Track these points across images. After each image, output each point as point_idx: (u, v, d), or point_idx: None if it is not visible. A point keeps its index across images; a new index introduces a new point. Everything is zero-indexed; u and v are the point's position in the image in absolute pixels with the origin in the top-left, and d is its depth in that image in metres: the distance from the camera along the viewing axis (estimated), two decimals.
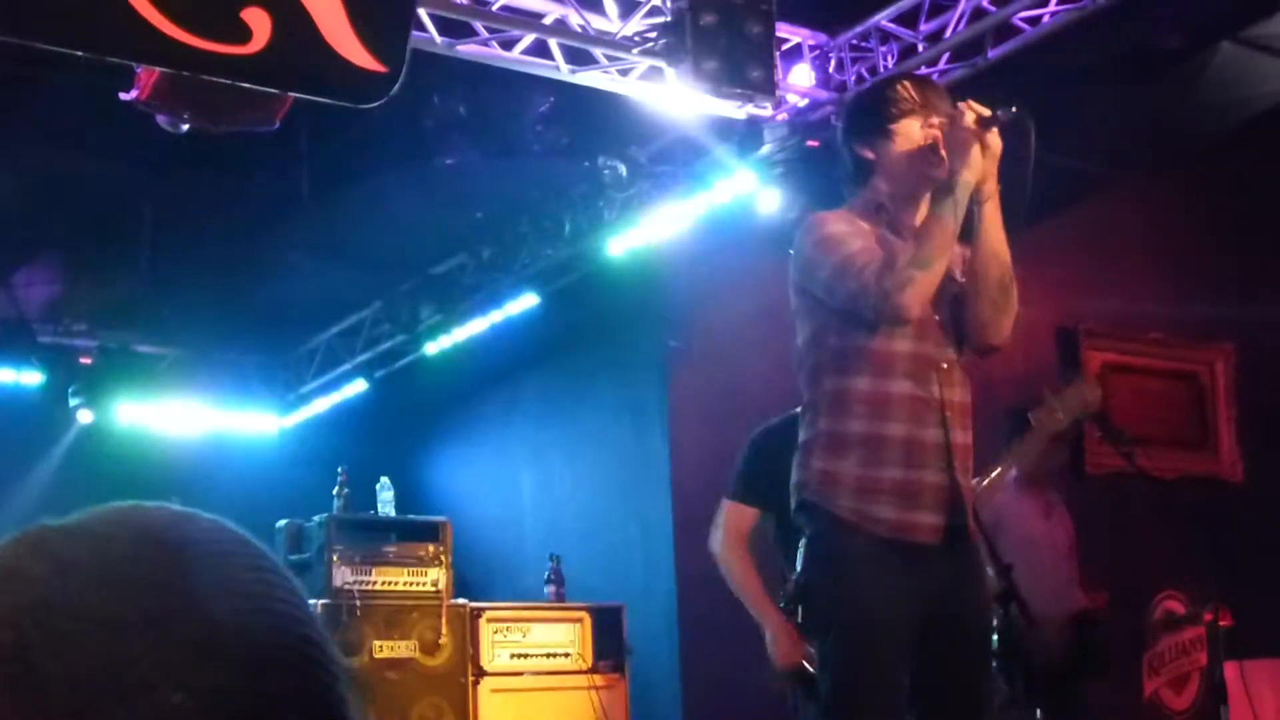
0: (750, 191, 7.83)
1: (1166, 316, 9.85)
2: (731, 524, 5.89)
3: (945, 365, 4.19)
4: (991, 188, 4.15)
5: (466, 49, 6.74)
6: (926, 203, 4.23)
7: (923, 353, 4.16)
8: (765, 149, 7.63)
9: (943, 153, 4.13)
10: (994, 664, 5.65)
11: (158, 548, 0.90)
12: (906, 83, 4.37)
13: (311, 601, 7.67)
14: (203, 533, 0.92)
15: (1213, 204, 9.81)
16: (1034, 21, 7.07)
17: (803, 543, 4.28)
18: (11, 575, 0.86)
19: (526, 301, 9.77)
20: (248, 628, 0.87)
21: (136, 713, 0.81)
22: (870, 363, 4.14)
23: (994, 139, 4.11)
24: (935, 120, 4.20)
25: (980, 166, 4.10)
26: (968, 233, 4.19)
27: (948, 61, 7.33)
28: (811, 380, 4.27)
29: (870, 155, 4.30)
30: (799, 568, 4.31)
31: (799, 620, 4.49)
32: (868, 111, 4.43)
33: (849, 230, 4.23)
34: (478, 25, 6.70)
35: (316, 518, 8.27)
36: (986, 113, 4.09)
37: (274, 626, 0.89)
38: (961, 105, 4.13)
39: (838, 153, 4.51)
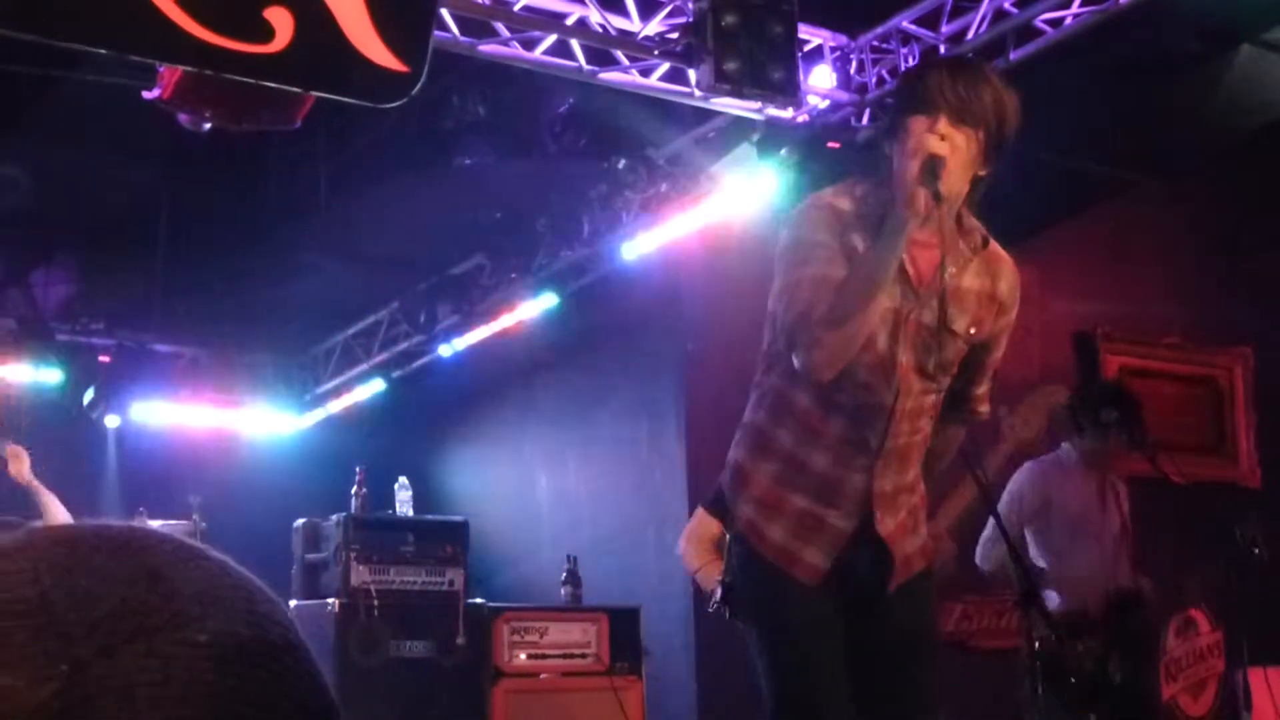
0: (770, 193, 7.82)
1: (1184, 321, 9.85)
2: (697, 529, 5.95)
3: (899, 410, 3.85)
4: (961, 185, 3.78)
5: (488, 49, 6.74)
6: (936, 224, 3.82)
7: (873, 402, 3.85)
8: (785, 150, 7.62)
9: (926, 192, 3.66)
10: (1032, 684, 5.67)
11: (165, 546, 0.94)
12: (938, 68, 3.92)
13: (329, 601, 7.72)
14: (182, 551, 0.96)
15: (1232, 207, 9.80)
16: (1056, 23, 7.05)
17: (729, 537, 4.16)
18: (23, 546, 0.90)
19: (544, 302, 9.76)
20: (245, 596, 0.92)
21: (160, 651, 0.84)
22: (818, 385, 3.84)
23: (952, 156, 3.69)
24: (938, 128, 3.71)
25: (923, 213, 3.69)
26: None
27: None
28: (765, 366, 4.04)
29: (886, 152, 3.85)
30: (725, 562, 4.22)
31: (729, 618, 4.33)
32: (893, 101, 4.24)
33: (821, 242, 3.82)
34: (499, 25, 6.71)
35: (334, 517, 8.28)
36: (922, 157, 3.65)
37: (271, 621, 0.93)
38: (919, 139, 3.69)
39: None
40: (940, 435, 4.10)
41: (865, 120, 7.59)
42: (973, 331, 3.95)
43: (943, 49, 7.23)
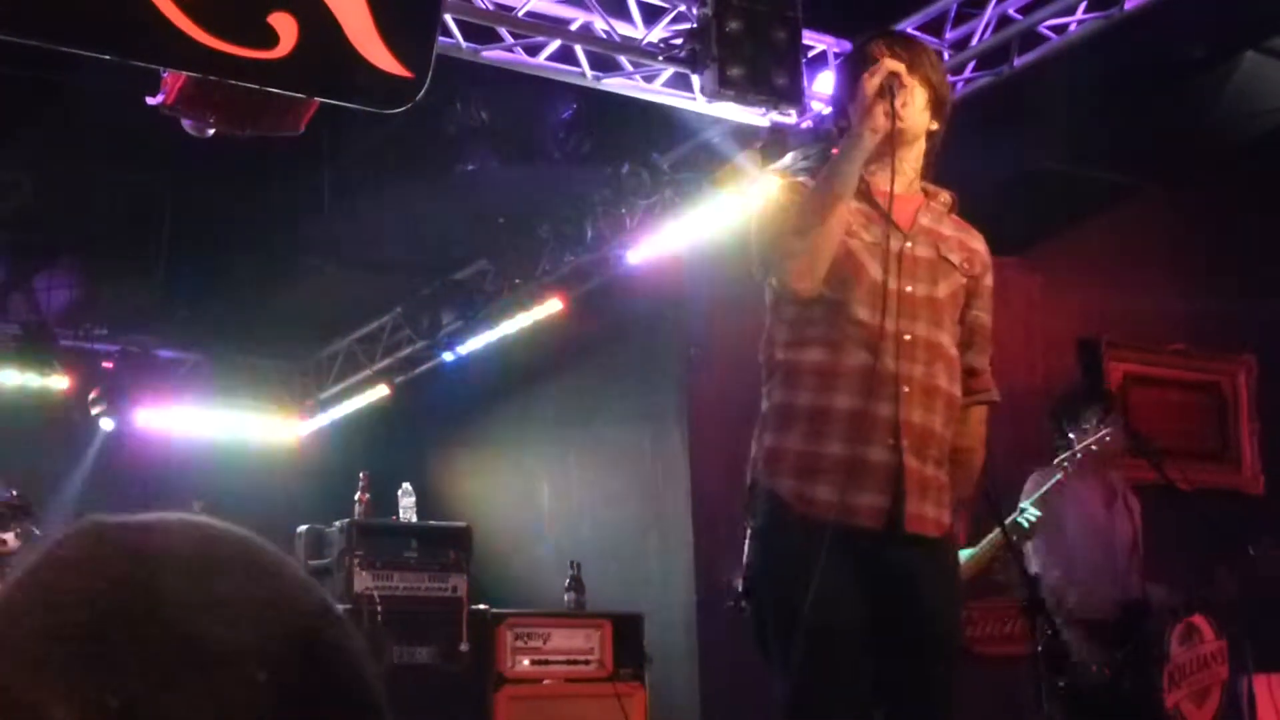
0: (765, 196, 7.81)
1: (1189, 327, 9.83)
2: None
3: (909, 338, 3.98)
4: (926, 121, 4.09)
5: (492, 55, 6.74)
6: (910, 160, 4.12)
7: (878, 325, 3.93)
8: (789, 156, 7.61)
9: (884, 106, 3.96)
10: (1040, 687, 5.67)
11: (222, 546, 0.91)
12: (881, 36, 4.28)
13: None
14: (245, 541, 0.94)
15: (1236, 214, 9.78)
16: (1060, 30, 7.05)
17: (749, 533, 4.17)
18: (84, 561, 0.87)
19: (548, 308, 9.76)
20: (308, 624, 0.90)
21: (218, 688, 0.82)
22: (821, 333, 3.98)
23: (915, 86, 4.01)
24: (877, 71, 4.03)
25: (881, 128, 3.96)
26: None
27: (973, 69, 7.32)
28: (767, 353, 4.15)
29: (845, 124, 4.12)
30: (744, 560, 4.20)
31: (745, 615, 4.32)
32: (839, 82, 4.42)
33: (788, 198, 4.14)
34: (503, 31, 6.71)
35: (337, 523, 8.28)
36: (882, 74, 3.96)
37: (327, 624, 0.92)
38: (878, 63, 4.01)
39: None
40: (964, 424, 4.16)
41: None
42: (965, 266, 4.14)
43: (947, 55, 7.22)
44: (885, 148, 4.00)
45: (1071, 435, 6.91)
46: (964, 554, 5.12)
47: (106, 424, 10.84)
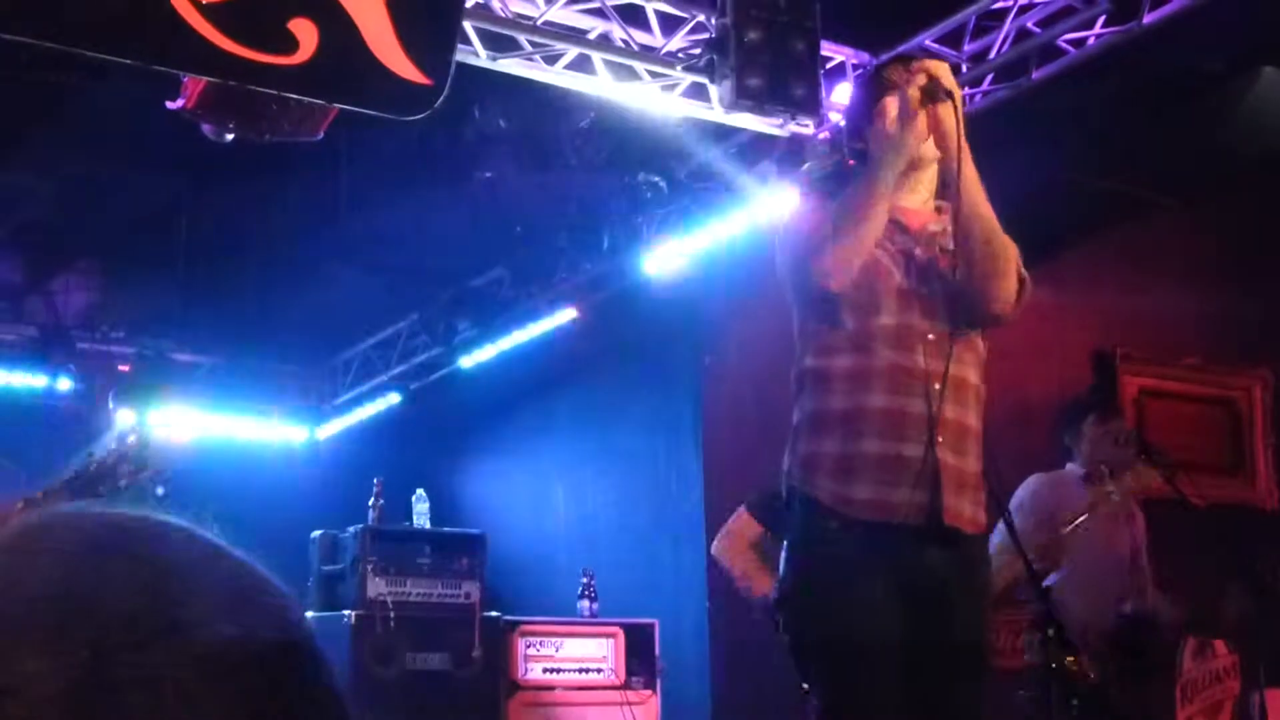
0: (790, 209, 7.82)
1: (1204, 341, 9.82)
2: (737, 529, 5.96)
3: (933, 337, 4.05)
4: (952, 146, 4.07)
5: (510, 63, 6.75)
6: (925, 181, 4.22)
7: (906, 324, 4.05)
8: (806, 166, 7.62)
9: (915, 124, 4.07)
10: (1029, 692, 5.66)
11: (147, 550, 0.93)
12: (890, 64, 4.39)
13: (345, 612, 7.70)
14: (181, 543, 0.95)
15: (1252, 229, 9.77)
16: (1079, 44, 7.05)
17: (785, 545, 4.19)
18: (43, 535, 0.90)
19: (563, 316, 9.77)
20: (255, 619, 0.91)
21: (192, 649, 0.84)
22: (850, 340, 4.06)
23: (945, 109, 4.06)
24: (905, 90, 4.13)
25: (921, 132, 4.06)
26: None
27: (991, 82, 7.32)
28: (798, 367, 4.20)
29: (863, 145, 4.22)
30: (780, 574, 4.22)
31: (780, 629, 4.34)
32: (857, 105, 4.47)
33: (811, 213, 4.28)
34: (521, 40, 6.71)
35: (351, 529, 8.29)
36: (922, 81, 4.06)
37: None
38: (915, 71, 4.13)
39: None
40: None
41: None
42: None
43: (965, 68, 7.23)
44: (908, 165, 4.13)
45: (1068, 443, 6.93)
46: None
47: (125, 416, 10.85)
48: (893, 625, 3.93)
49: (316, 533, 8.45)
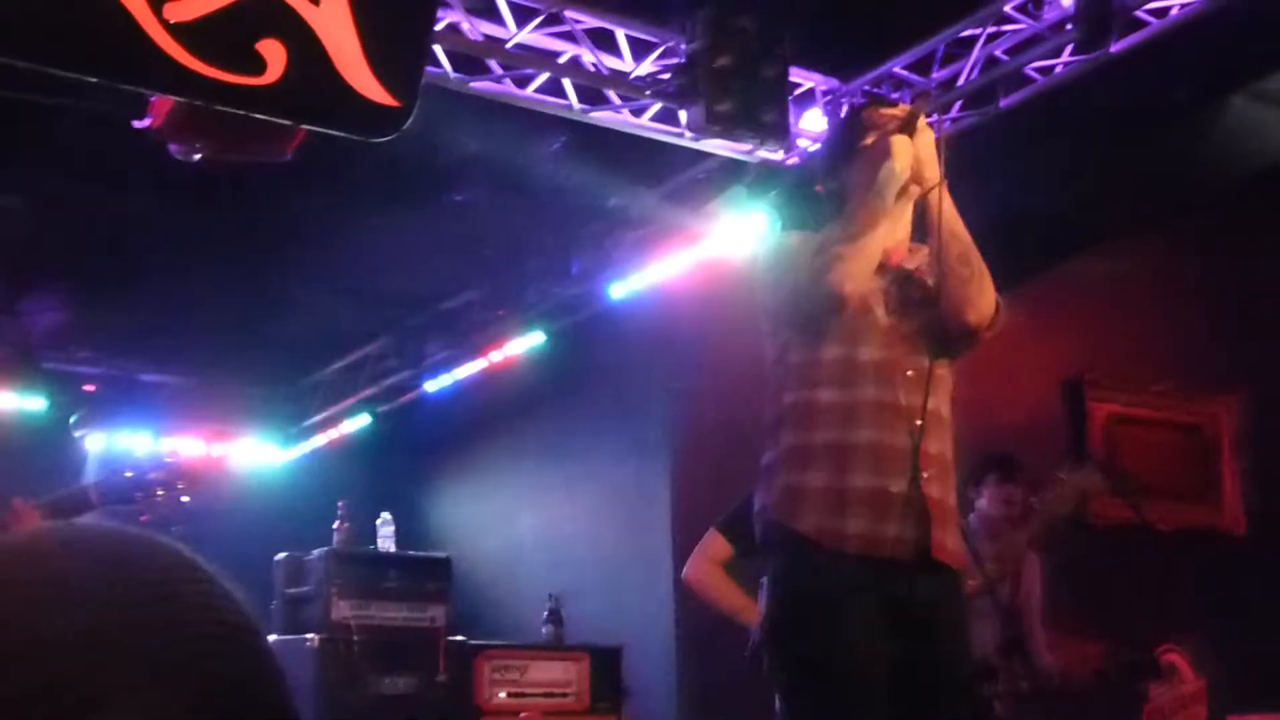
0: (759, 234, 7.82)
1: (1174, 368, 9.85)
2: (707, 551, 5.95)
3: (912, 373, 4.08)
4: (933, 174, 4.14)
5: (480, 86, 6.75)
6: (902, 216, 4.24)
7: (888, 359, 4.09)
8: (774, 192, 7.62)
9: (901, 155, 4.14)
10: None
11: (110, 570, 0.91)
12: (867, 109, 4.45)
13: (310, 636, 7.65)
14: (153, 555, 0.94)
15: (1220, 256, 9.81)
16: (1046, 71, 7.08)
17: (765, 580, 4.19)
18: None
19: (532, 340, 9.77)
20: (200, 650, 0.90)
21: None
22: (834, 373, 4.08)
23: (924, 132, 4.14)
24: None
25: (907, 155, 4.10)
26: (922, 233, 4.22)
27: (960, 109, 7.34)
28: (774, 399, 4.19)
29: (836, 185, 4.33)
30: (763, 609, 4.21)
31: (764, 666, 4.34)
32: (833, 147, 4.58)
33: (803, 240, 4.27)
34: (492, 63, 6.72)
35: (316, 551, 8.25)
36: (899, 113, 4.19)
37: (226, 645, 0.92)
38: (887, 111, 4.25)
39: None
40: None
41: None
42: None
43: (933, 95, 7.24)
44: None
45: (970, 495, 6.64)
46: None
47: (94, 442, 10.80)
48: (882, 656, 3.94)
49: (280, 555, 8.40)
